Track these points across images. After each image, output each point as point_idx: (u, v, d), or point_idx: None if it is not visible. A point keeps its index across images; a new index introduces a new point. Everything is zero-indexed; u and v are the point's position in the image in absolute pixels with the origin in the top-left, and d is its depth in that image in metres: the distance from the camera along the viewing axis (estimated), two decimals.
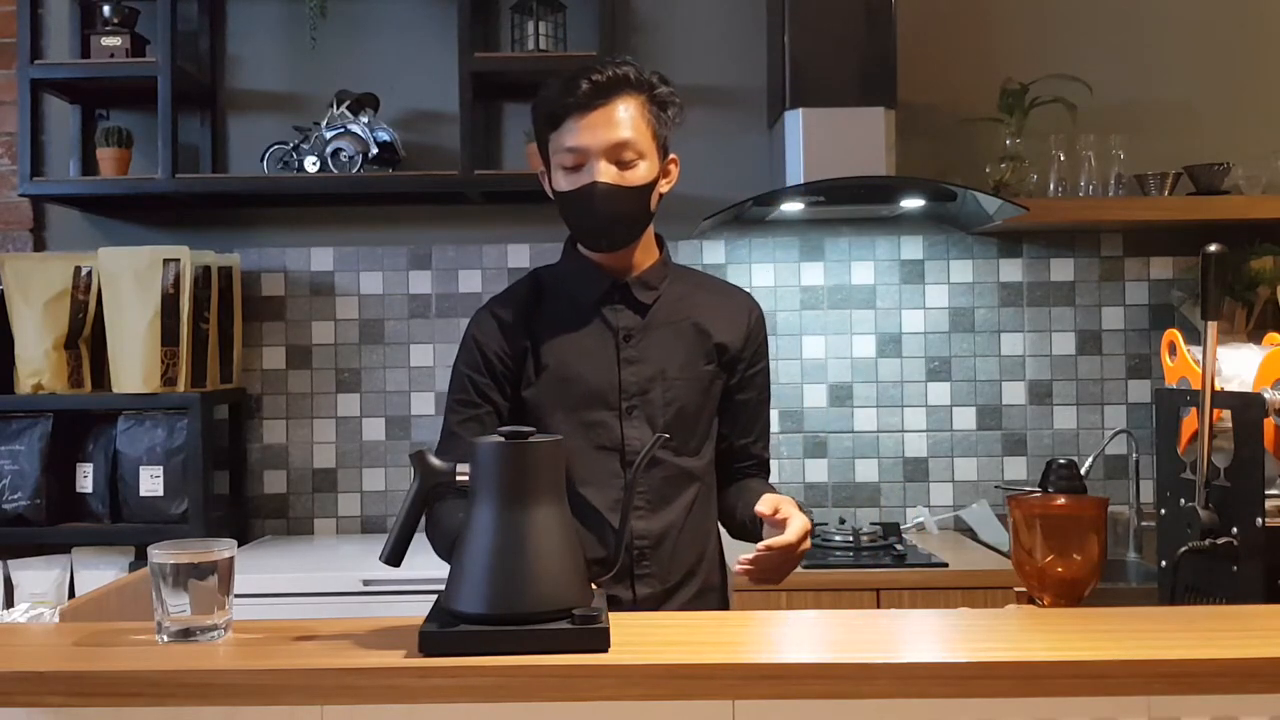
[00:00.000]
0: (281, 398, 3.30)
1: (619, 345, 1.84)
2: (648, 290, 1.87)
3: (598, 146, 1.75)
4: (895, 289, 3.29)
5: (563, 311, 1.87)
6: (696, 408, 1.87)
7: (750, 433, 1.97)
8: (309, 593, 2.70)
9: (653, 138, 1.80)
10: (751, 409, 1.95)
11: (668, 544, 1.84)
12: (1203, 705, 1.24)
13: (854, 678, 1.24)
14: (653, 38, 3.30)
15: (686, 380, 1.85)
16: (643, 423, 1.82)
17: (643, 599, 1.82)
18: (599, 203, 1.76)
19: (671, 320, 1.87)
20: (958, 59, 3.27)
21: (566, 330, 1.85)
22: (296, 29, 3.25)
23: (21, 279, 3.01)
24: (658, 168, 1.81)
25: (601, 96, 1.75)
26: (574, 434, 1.80)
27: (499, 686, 1.23)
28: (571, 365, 1.83)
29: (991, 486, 3.24)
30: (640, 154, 1.78)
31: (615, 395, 1.83)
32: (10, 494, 2.95)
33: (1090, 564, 1.64)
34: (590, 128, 1.75)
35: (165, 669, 1.25)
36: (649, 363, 1.84)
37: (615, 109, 1.76)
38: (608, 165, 1.76)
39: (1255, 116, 3.27)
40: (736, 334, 1.91)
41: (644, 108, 1.79)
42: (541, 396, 1.83)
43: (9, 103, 3.25)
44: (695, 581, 1.87)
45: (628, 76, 1.78)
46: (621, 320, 1.85)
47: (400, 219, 3.31)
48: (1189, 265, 3.26)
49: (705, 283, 1.98)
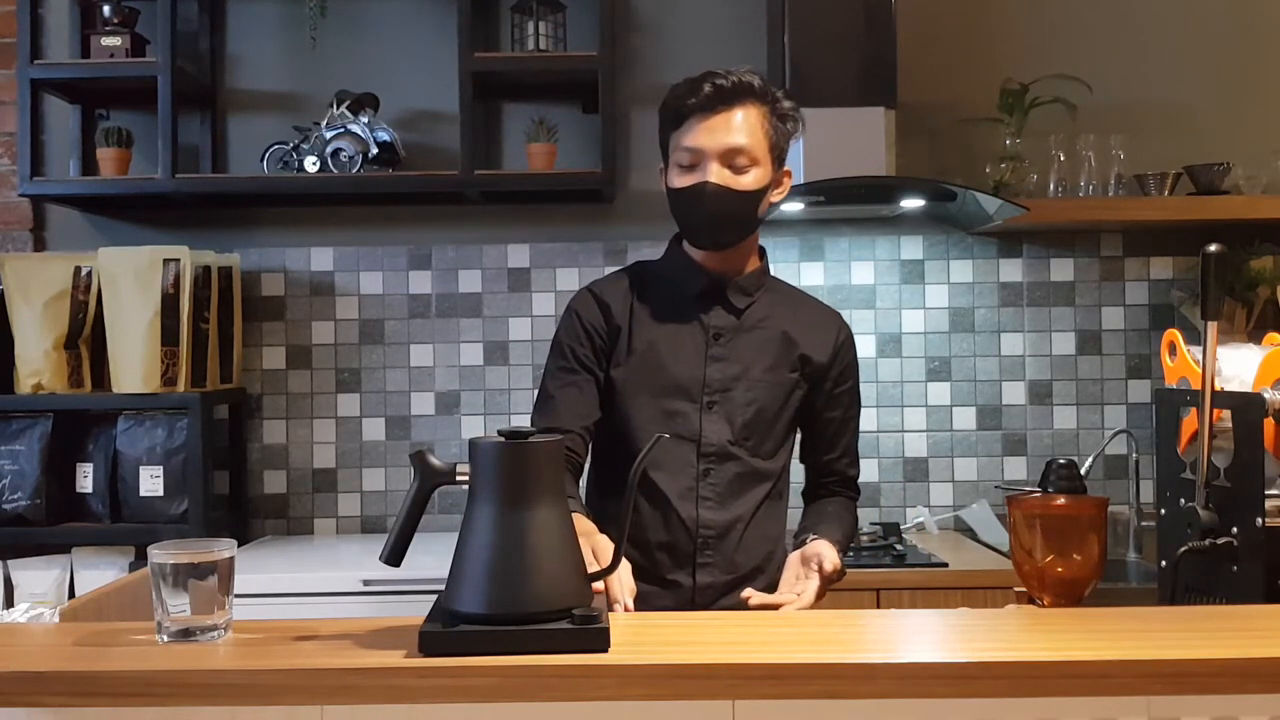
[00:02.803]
0: (281, 398, 3.30)
1: (709, 342, 1.91)
2: (743, 295, 1.94)
3: (714, 148, 1.81)
4: (895, 289, 3.29)
5: (661, 303, 1.94)
6: (775, 411, 1.92)
7: (835, 449, 2.01)
8: (309, 593, 2.69)
9: (769, 148, 1.86)
10: (837, 426, 2.00)
11: (733, 536, 1.89)
12: (1203, 705, 1.24)
13: (854, 678, 1.24)
14: (653, 38, 3.30)
15: (769, 383, 1.91)
16: (721, 419, 1.88)
17: (703, 587, 1.87)
18: (708, 202, 1.82)
19: (762, 326, 1.94)
20: (958, 59, 3.27)
21: (661, 321, 1.92)
22: (296, 29, 3.25)
23: (21, 279, 3.01)
24: (770, 177, 1.87)
25: (724, 101, 1.81)
26: (654, 420, 1.86)
27: (499, 686, 1.23)
28: (661, 354, 1.90)
29: (991, 486, 3.24)
30: (754, 160, 1.83)
31: (698, 389, 1.89)
32: (10, 494, 2.95)
33: (1090, 564, 1.64)
34: (709, 130, 1.82)
35: (165, 669, 1.24)
36: (735, 362, 1.90)
37: (735, 114, 1.82)
38: (721, 168, 1.82)
39: (1255, 116, 3.27)
40: (824, 350, 1.96)
41: (764, 117, 1.84)
42: (628, 380, 1.90)
43: (9, 103, 3.25)
44: (761, 579, 1.90)
45: (752, 85, 1.83)
46: (715, 319, 1.92)
47: (400, 219, 3.31)
48: (1189, 265, 3.26)
49: (800, 299, 2.03)
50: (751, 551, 1.91)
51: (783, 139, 1.88)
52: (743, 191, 1.83)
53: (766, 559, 1.93)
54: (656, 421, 1.86)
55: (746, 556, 1.90)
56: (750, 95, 1.83)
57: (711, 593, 1.87)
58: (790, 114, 1.89)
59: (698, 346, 1.90)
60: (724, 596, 1.87)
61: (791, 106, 1.89)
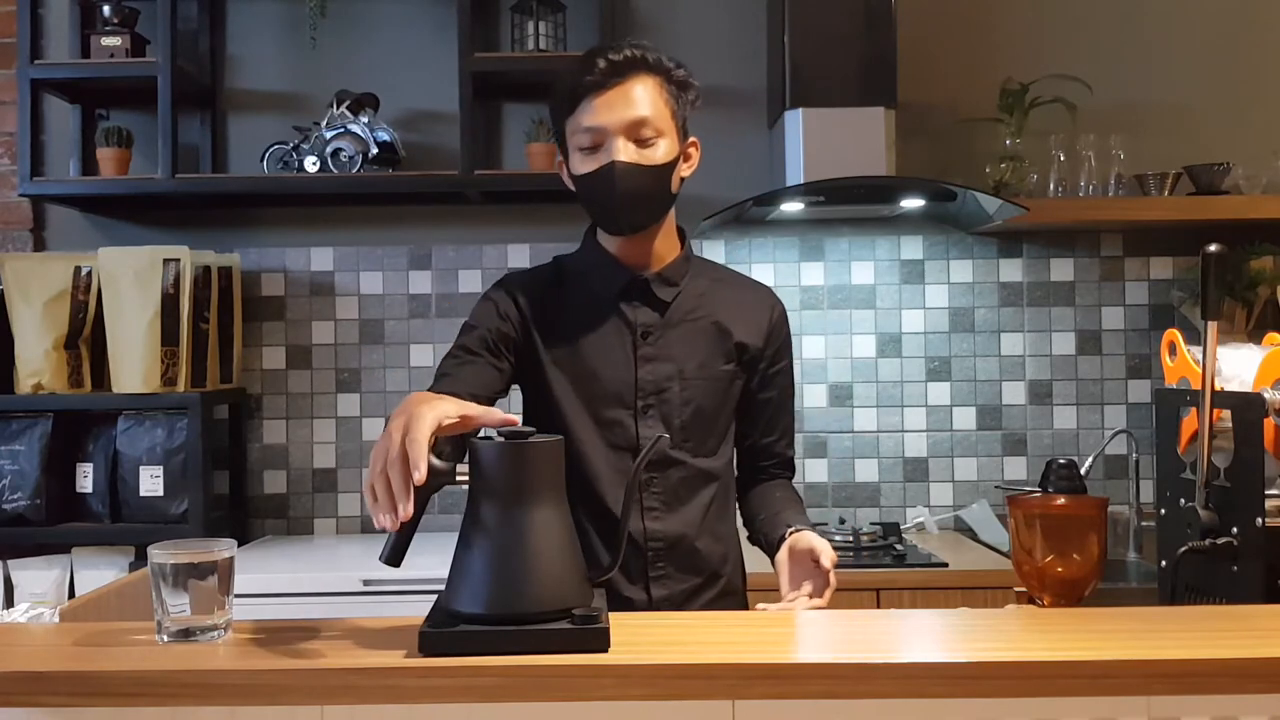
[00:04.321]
0: (281, 398, 3.30)
1: (636, 343, 1.81)
2: (668, 287, 1.83)
3: (616, 124, 1.71)
4: (895, 289, 3.29)
5: (581, 304, 1.83)
6: (715, 408, 1.83)
7: (774, 431, 1.93)
8: (309, 593, 2.69)
9: (671, 117, 1.76)
10: (774, 407, 1.91)
11: (685, 545, 1.80)
12: (1203, 705, 1.24)
13: (854, 678, 1.23)
14: (653, 38, 3.26)
15: (705, 380, 1.82)
16: (658, 422, 1.79)
17: (659, 601, 1.78)
18: (619, 182, 1.71)
19: (691, 318, 1.84)
20: (958, 59, 3.27)
21: (584, 325, 1.82)
22: (296, 29, 3.25)
23: (21, 279, 3.01)
24: (678, 148, 1.78)
25: (618, 75, 1.72)
26: (590, 431, 1.78)
27: (499, 686, 1.23)
28: (588, 362, 1.80)
29: (991, 486, 3.24)
30: (659, 132, 1.74)
31: (631, 394, 1.79)
32: (10, 494, 2.95)
33: (1090, 564, 1.64)
34: (608, 106, 1.72)
35: (165, 669, 1.24)
36: (667, 361, 1.81)
37: (633, 87, 1.72)
38: (627, 143, 1.72)
39: (1255, 116, 3.28)
40: (758, 332, 1.87)
41: (662, 87, 1.75)
42: (558, 390, 1.80)
43: (9, 103, 3.25)
44: (718, 584, 1.84)
45: (645, 57, 1.74)
46: (640, 317, 1.82)
47: (400, 219, 3.31)
48: (1189, 265, 3.26)
49: (727, 277, 1.93)
50: (707, 557, 1.82)
51: (684, 107, 1.78)
52: (654, 166, 1.73)
53: (723, 561, 1.85)
54: (591, 432, 1.78)
55: (702, 562, 1.82)
56: (644, 66, 1.74)
57: (669, 605, 1.79)
58: (687, 81, 1.79)
59: (625, 348, 1.80)
60: (683, 607, 1.80)
61: (687, 74, 1.79)
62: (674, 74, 1.77)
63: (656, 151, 1.74)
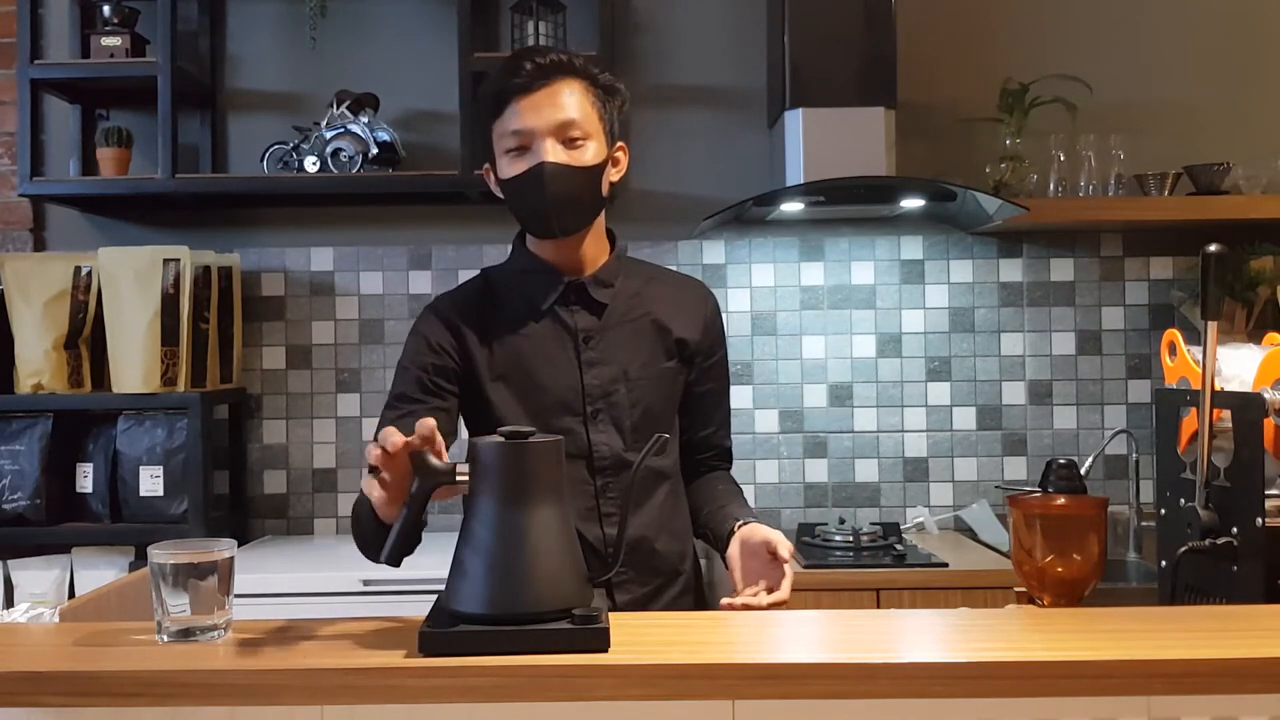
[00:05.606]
0: (281, 398, 3.30)
1: (579, 348, 1.79)
2: (603, 288, 1.82)
3: (543, 126, 1.70)
4: (895, 289, 3.29)
5: (517, 314, 1.81)
6: (662, 407, 1.83)
7: (712, 422, 1.94)
8: (309, 593, 2.70)
9: (599, 120, 1.76)
10: (712, 399, 1.92)
11: (644, 547, 1.80)
12: (1203, 705, 1.24)
13: (854, 678, 1.23)
14: (653, 38, 3.30)
15: (650, 379, 1.81)
16: (609, 426, 1.78)
17: (623, 605, 1.77)
18: (548, 184, 1.70)
19: (630, 318, 1.83)
20: (958, 59, 3.27)
21: (522, 335, 1.79)
22: (296, 29, 3.25)
23: (21, 279, 3.01)
24: (606, 152, 1.77)
25: (545, 77, 1.72)
26: None
27: (499, 686, 1.23)
28: (532, 374, 1.78)
29: (991, 486, 3.24)
30: (587, 135, 1.73)
31: (579, 400, 1.78)
32: (10, 494, 2.95)
33: (1090, 564, 1.64)
34: (535, 108, 1.71)
35: (165, 669, 1.24)
36: (611, 364, 1.79)
37: (560, 90, 1.72)
38: (555, 145, 1.71)
39: (1255, 116, 3.28)
40: (695, 327, 1.87)
41: (588, 91, 1.75)
42: (503, 410, 1.77)
43: (9, 103, 3.25)
44: (679, 581, 1.85)
45: (571, 62, 1.75)
46: (579, 321, 1.80)
47: (400, 219, 3.31)
48: (1189, 265, 3.26)
49: (659, 275, 1.93)
50: (666, 556, 1.82)
51: (612, 111, 1.78)
52: (583, 168, 1.72)
53: (681, 558, 1.85)
54: None
55: (662, 562, 1.81)
56: (570, 71, 1.73)
57: (633, 608, 1.77)
58: (614, 86, 1.79)
59: (567, 354, 1.78)
60: (646, 608, 1.78)
61: (613, 79, 1.79)
62: (600, 79, 1.78)
63: (585, 153, 1.73)
